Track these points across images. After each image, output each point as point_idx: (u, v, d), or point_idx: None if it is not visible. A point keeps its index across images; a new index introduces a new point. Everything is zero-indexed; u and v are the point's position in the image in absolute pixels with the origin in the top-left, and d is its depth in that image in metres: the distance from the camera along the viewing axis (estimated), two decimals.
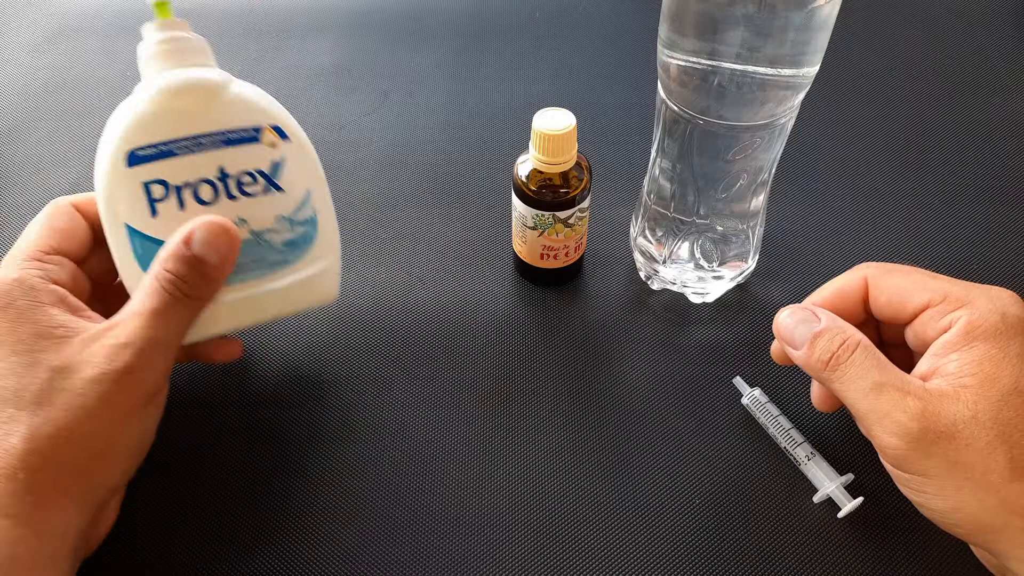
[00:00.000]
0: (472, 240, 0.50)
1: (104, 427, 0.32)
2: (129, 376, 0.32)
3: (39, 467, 0.30)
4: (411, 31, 0.66)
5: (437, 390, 0.43)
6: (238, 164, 0.36)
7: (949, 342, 0.31)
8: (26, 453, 0.30)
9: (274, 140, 0.37)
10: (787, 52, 0.34)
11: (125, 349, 0.32)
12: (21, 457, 0.30)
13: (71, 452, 0.31)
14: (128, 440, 0.33)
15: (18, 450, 0.30)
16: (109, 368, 0.31)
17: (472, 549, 0.37)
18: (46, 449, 0.30)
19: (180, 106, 0.35)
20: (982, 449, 0.29)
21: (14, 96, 0.60)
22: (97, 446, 0.32)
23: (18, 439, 0.30)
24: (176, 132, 0.35)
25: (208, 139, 0.36)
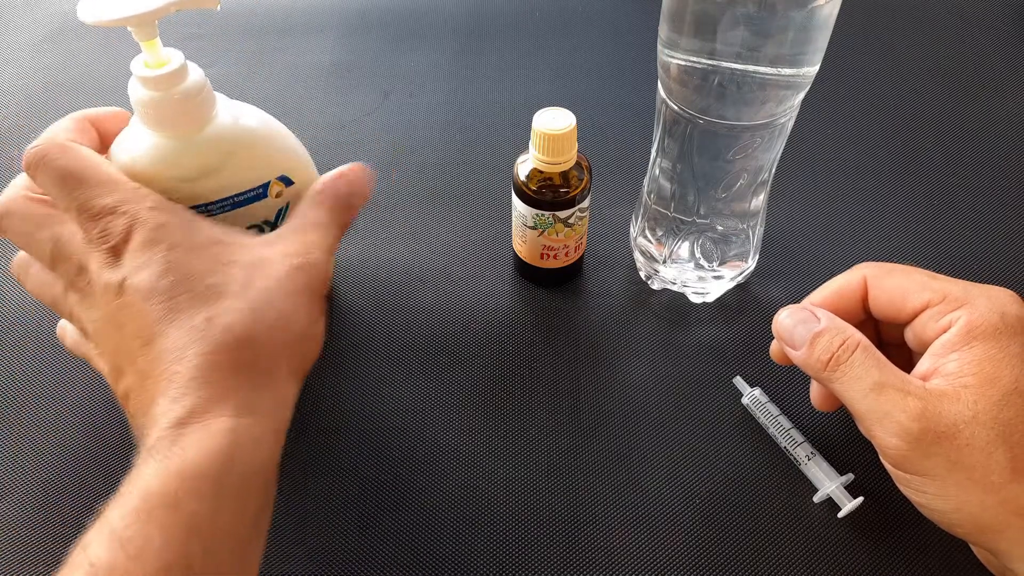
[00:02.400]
0: (472, 240, 0.50)
1: (303, 312, 0.33)
2: (317, 269, 0.34)
3: (262, 352, 0.31)
4: (411, 31, 0.66)
5: (437, 390, 0.43)
6: (244, 221, 0.38)
7: (949, 342, 0.31)
8: (251, 340, 0.31)
9: (280, 190, 0.38)
10: (787, 52, 0.34)
11: (309, 250, 0.34)
12: (249, 346, 0.31)
13: (287, 333, 0.32)
14: (319, 324, 0.35)
15: (244, 338, 0.31)
16: (305, 261, 0.34)
17: (472, 549, 0.37)
18: (267, 333, 0.31)
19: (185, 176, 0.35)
20: (982, 449, 0.29)
21: (14, 96, 0.60)
22: (303, 328, 0.33)
23: (241, 326, 0.31)
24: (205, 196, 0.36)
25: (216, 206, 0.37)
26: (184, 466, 0.27)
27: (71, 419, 0.42)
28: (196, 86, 0.34)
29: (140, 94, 0.34)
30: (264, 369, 0.31)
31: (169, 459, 0.28)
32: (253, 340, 0.31)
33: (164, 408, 0.29)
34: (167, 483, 0.27)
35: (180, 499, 0.27)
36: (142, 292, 0.31)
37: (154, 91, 0.34)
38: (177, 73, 0.34)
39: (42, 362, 0.44)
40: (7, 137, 0.57)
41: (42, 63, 0.63)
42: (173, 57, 0.34)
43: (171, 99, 0.34)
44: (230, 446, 0.28)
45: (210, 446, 0.28)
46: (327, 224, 0.36)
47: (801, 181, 0.54)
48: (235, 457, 0.28)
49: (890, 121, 0.58)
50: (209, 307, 0.31)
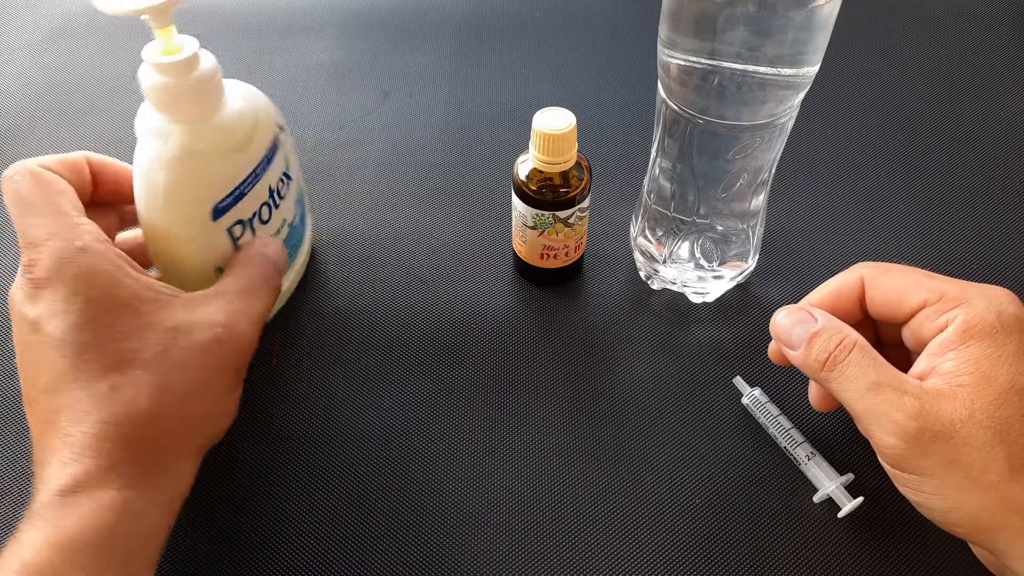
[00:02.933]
0: (472, 240, 0.50)
1: (216, 389, 0.33)
2: (240, 340, 0.34)
3: (161, 428, 0.31)
4: (411, 31, 0.66)
5: (437, 390, 0.43)
6: (275, 175, 0.39)
7: (946, 341, 0.31)
8: (151, 416, 0.30)
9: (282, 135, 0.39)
10: (787, 52, 0.34)
11: (236, 321, 0.34)
12: (149, 422, 0.30)
13: (190, 412, 0.32)
14: (232, 400, 0.34)
15: (144, 413, 0.30)
16: (228, 333, 0.33)
17: (472, 549, 0.37)
18: (171, 409, 0.31)
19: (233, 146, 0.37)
20: (980, 448, 0.29)
21: (14, 96, 0.60)
22: (213, 404, 0.33)
23: (145, 401, 0.30)
24: (241, 174, 0.37)
25: (261, 167, 0.38)
26: (64, 538, 0.28)
27: None
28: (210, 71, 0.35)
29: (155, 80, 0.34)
30: (161, 445, 0.31)
31: (50, 530, 0.28)
32: (154, 417, 0.30)
33: (54, 472, 0.29)
34: (47, 555, 0.27)
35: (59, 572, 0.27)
36: (54, 339, 0.31)
37: (170, 77, 0.34)
38: (193, 59, 0.34)
39: None
40: (7, 137, 0.57)
41: (42, 63, 0.63)
42: (186, 44, 0.35)
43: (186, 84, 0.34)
44: (113, 519, 0.29)
45: (93, 519, 0.28)
46: (258, 291, 0.36)
47: (801, 181, 0.54)
48: (118, 530, 0.29)
49: (890, 121, 0.58)
50: (116, 375, 0.30)
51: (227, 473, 0.40)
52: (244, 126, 0.37)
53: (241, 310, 0.35)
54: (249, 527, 0.38)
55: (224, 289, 0.35)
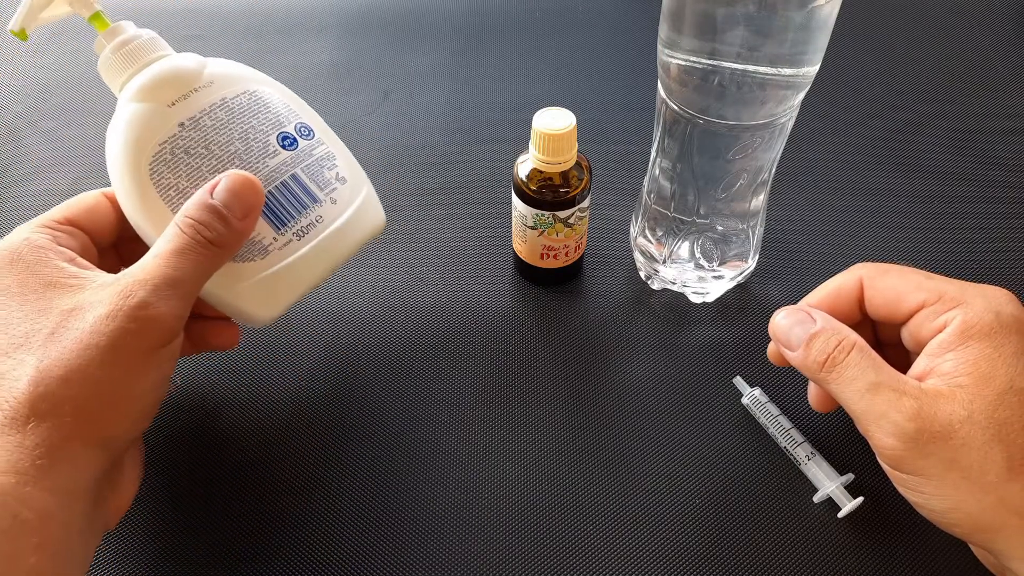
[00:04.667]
0: (472, 240, 0.50)
1: (117, 369, 0.30)
2: (143, 312, 0.30)
3: (48, 412, 0.29)
4: (411, 31, 0.66)
5: (437, 390, 0.43)
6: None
7: (944, 342, 0.31)
8: (34, 397, 0.29)
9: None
10: (787, 52, 0.34)
11: (140, 286, 0.31)
12: (29, 402, 0.29)
13: (83, 395, 0.29)
14: (142, 385, 0.31)
15: (25, 394, 0.29)
16: (123, 304, 0.30)
17: (473, 548, 0.37)
18: (56, 392, 0.29)
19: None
20: (978, 448, 0.29)
21: (14, 96, 0.60)
22: (109, 389, 0.30)
23: (26, 382, 0.29)
24: None
25: None
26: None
27: None
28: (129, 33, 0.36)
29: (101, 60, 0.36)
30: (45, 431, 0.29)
31: None
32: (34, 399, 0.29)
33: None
34: None
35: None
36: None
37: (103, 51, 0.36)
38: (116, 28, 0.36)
39: None
40: (7, 137, 0.57)
41: (42, 63, 0.63)
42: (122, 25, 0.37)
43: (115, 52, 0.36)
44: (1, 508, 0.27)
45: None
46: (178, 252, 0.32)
47: (801, 181, 0.54)
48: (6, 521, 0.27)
49: (890, 121, 0.58)
50: (8, 359, 0.30)
51: (224, 474, 0.40)
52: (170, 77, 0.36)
53: (154, 276, 0.31)
54: (248, 528, 0.38)
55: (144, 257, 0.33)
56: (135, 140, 0.35)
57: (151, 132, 0.35)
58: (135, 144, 0.35)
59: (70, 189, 0.53)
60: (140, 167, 0.35)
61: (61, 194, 0.53)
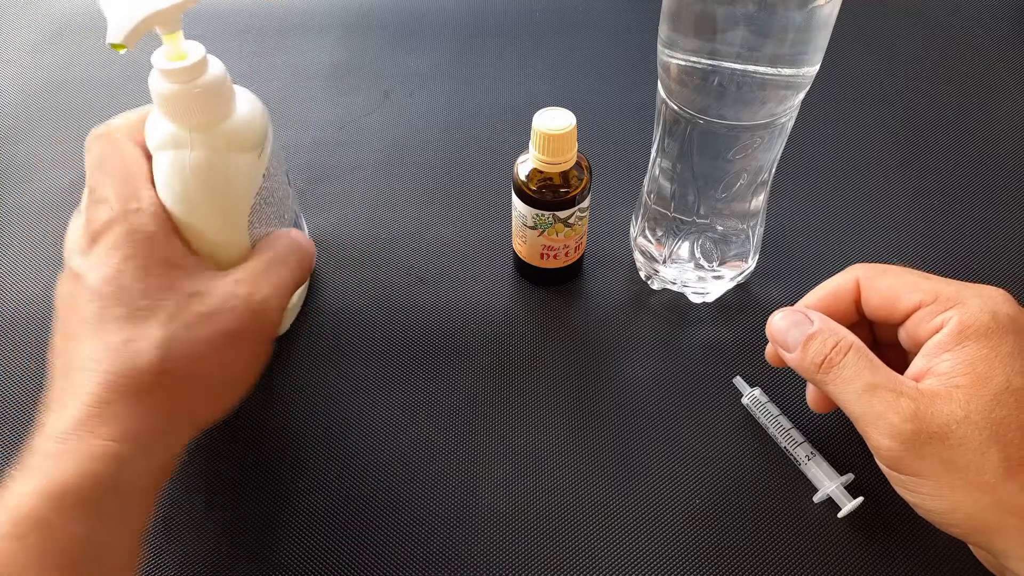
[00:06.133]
0: (472, 240, 0.50)
1: (237, 356, 0.33)
2: (263, 313, 0.34)
3: (166, 388, 0.31)
4: (411, 31, 0.66)
5: (437, 390, 0.43)
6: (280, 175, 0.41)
7: (941, 342, 0.31)
8: (157, 374, 0.31)
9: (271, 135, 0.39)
10: (787, 52, 0.34)
11: (260, 285, 0.34)
12: (154, 378, 0.30)
13: (200, 376, 0.32)
14: (248, 375, 0.34)
15: (149, 369, 0.30)
16: (250, 299, 0.33)
17: (472, 549, 0.37)
18: (177, 370, 0.31)
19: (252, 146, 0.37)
20: (975, 449, 0.29)
21: (14, 96, 0.60)
22: (225, 374, 0.33)
23: (151, 356, 0.31)
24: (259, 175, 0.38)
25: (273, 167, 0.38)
26: (56, 487, 0.28)
27: None
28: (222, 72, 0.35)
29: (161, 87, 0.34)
30: (162, 405, 0.31)
31: (42, 479, 0.28)
32: (160, 374, 0.31)
33: (53, 417, 0.30)
34: (40, 506, 0.27)
35: (53, 523, 0.27)
36: (90, 289, 0.32)
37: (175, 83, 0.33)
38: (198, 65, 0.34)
39: (42, 362, 0.44)
40: (7, 137, 0.57)
41: (42, 63, 0.63)
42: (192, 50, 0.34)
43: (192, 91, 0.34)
44: (106, 471, 0.29)
45: (86, 468, 0.28)
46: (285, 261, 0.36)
47: (801, 181, 0.54)
48: (110, 482, 0.29)
49: (890, 121, 0.58)
50: (131, 328, 0.31)
51: (225, 475, 0.40)
52: (256, 126, 0.37)
53: (262, 280, 0.35)
54: (246, 527, 0.38)
55: (251, 260, 0.36)
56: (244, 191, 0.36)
57: (252, 184, 0.37)
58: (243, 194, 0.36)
59: (70, 189, 0.53)
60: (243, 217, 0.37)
61: (61, 194, 0.53)
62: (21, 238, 0.50)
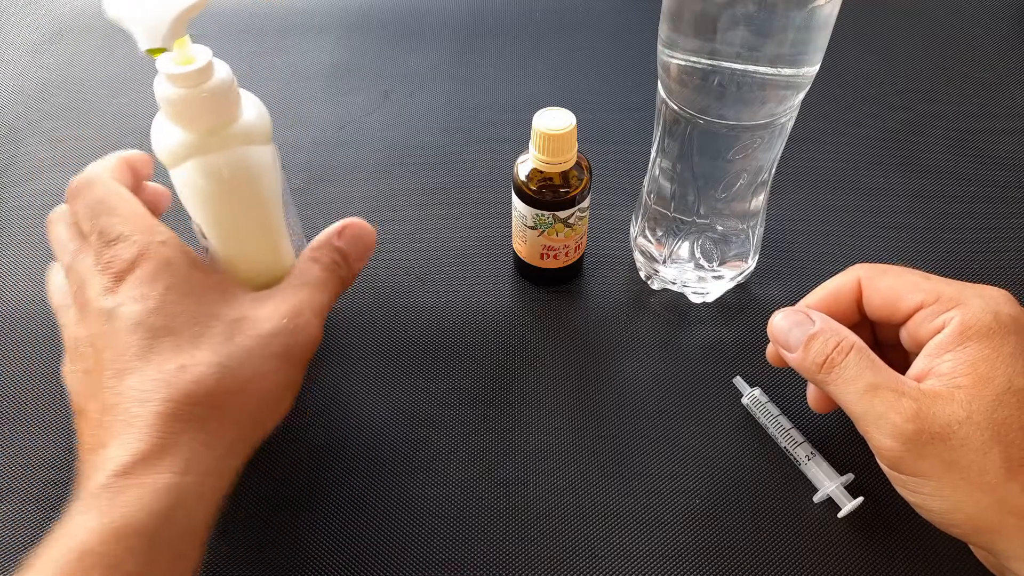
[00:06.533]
0: (472, 240, 0.50)
1: (279, 377, 0.34)
2: (302, 334, 0.34)
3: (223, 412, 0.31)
4: (411, 31, 0.66)
5: (437, 390, 0.43)
6: None
7: (943, 342, 0.31)
8: (217, 397, 0.31)
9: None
10: (787, 52, 0.34)
11: (301, 310, 0.35)
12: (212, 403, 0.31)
13: (251, 399, 0.32)
14: (292, 393, 0.35)
15: (209, 393, 0.31)
16: (288, 326, 0.34)
17: (472, 549, 0.37)
18: (233, 393, 0.32)
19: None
20: (977, 449, 0.29)
21: (14, 96, 0.60)
22: (273, 395, 0.34)
23: (211, 381, 0.31)
24: None
25: None
26: (118, 523, 0.28)
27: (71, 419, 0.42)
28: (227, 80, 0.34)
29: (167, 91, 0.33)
30: (220, 429, 0.31)
31: (109, 514, 0.28)
32: (219, 394, 0.31)
33: (113, 452, 0.29)
34: (106, 542, 0.27)
35: (118, 560, 0.27)
36: (130, 322, 0.32)
37: (182, 88, 0.33)
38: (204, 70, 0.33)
39: (42, 362, 0.44)
40: (7, 137, 0.57)
41: (42, 63, 0.63)
42: (200, 54, 0.33)
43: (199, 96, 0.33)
44: (171, 505, 0.29)
45: (152, 504, 0.28)
46: (323, 283, 0.37)
47: (801, 181, 0.54)
48: (174, 516, 0.29)
49: (890, 121, 0.58)
50: (185, 356, 0.31)
51: None
52: (265, 119, 0.37)
53: (305, 301, 0.35)
54: (245, 527, 0.38)
55: (291, 281, 0.36)
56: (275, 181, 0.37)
57: (279, 173, 0.37)
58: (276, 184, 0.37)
59: None
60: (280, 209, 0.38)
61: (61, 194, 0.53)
62: (21, 238, 0.50)
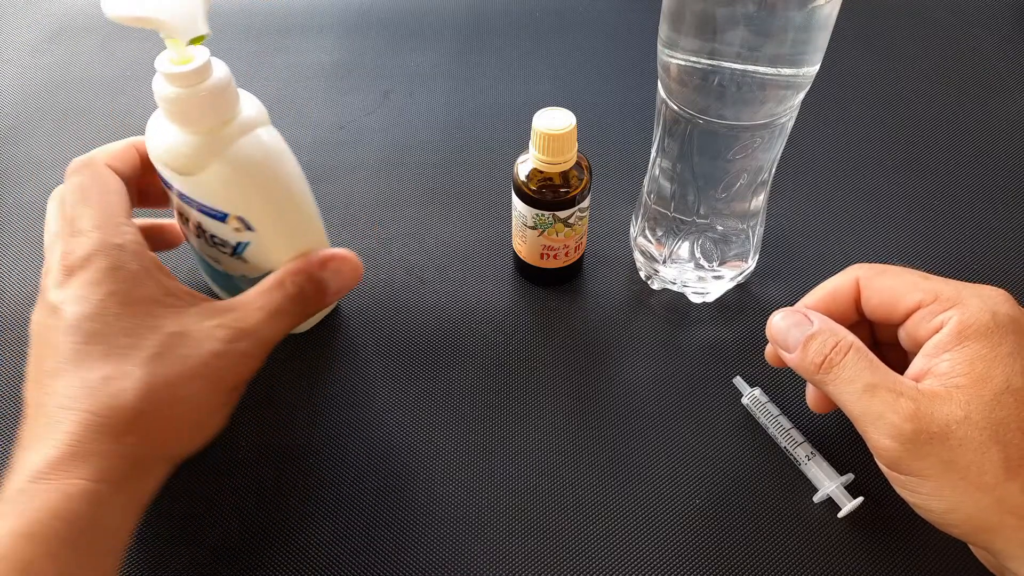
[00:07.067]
0: (472, 240, 0.50)
1: (214, 399, 0.33)
2: (244, 359, 0.34)
3: (147, 427, 0.31)
4: (411, 31, 0.66)
5: (437, 390, 0.43)
6: (211, 228, 0.38)
7: (941, 342, 0.31)
8: (138, 412, 0.30)
9: (239, 227, 0.37)
10: (787, 52, 0.34)
11: (247, 335, 0.34)
12: (134, 414, 0.30)
13: (181, 417, 0.32)
14: (219, 416, 0.34)
15: (132, 406, 0.30)
16: (230, 348, 0.33)
17: (472, 549, 0.37)
18: (160, 411, 0.31)
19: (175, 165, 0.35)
20: (975, 449, 0.29)
21: (14, 96, 0.60)
22: (202, 415, 0.33)
23: (133, 394, 0.30)
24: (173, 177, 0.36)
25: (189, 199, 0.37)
26: (33, 527, 0.28)
27: None
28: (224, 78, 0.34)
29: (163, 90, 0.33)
30: (139, 445, 0.31)
31: (17, 519, 0.28)
32: (138, 414, 0.31)
33: (30, 456, 0.29)
34: (19, 547, 0.27)
35: (33, 564, 0.27)
36: (68, 323, 0.32)
37: (177, 87, 0.33)
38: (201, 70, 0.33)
39: None
40: (7, 137, 0.57)
41: (42, 63, 0.63)
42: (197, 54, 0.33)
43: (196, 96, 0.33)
44: (82, 510, 0.29)
45: (62, 507, 0.28)
46: (282, 312, 0.36)
47: (801, 181, 0.54)
48: (86, 522, 0.29)
49: (890, 121, 0.58)
50: (111, 366, 0.31)
51: (219, 473, 0.40)
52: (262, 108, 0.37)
53: (252, 327, 0.34)
54: (245, 527, 0.38)
55: (247, 301, 0.35)
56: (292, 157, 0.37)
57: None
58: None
59: None
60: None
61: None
62: (21, 238, 0.50)
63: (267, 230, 0.37)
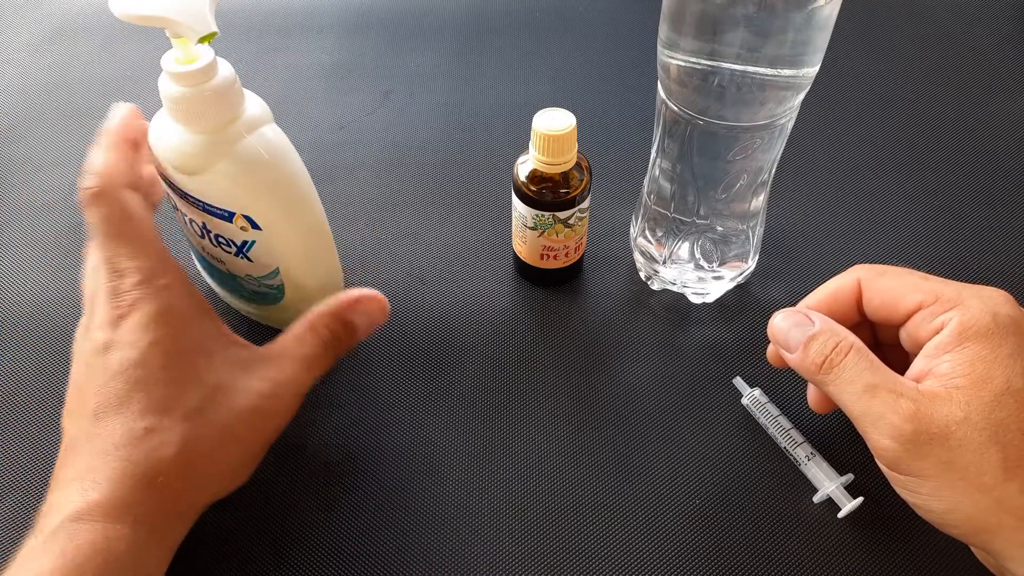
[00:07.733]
0: (472, 240, 0.50)
1: (243, 453, 0.34)
2: (278, 416, 0.35)
3: (180, 479, 0.31)
4: (411, 31, 0.66)
5: (437, 390, 0.43)
6: (215, 228, 0.38)
7: (941, 343, 0.31)
8: (175, 465, 0.31)
9: (245, 225, 0.37)
10: (787, 52, 0.34)
11: (282, 390, 0.35)
12: (169, 469, 0.31)
13: (210, 470, 0.33)
14: (250, 468, 0.35)
15: (169, 461, 0.31)
16: (265, 405, 0.34)
17: (472, 549, 0.37)
18: (194, 463, 0.32)
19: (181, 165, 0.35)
20: (975, 450, 0.29)
21: (14, 96, 0.60)
22: (230, 468, 0.34)
23: (172, 450, 0.31)
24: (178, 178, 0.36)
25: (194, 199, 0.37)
26: (71, 567, 0.28)
27: None
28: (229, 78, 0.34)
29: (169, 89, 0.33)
30: (178, 495, 0.32)
31: (64, 557, 0.28)
32: (178, 466, 0.31)
33: (71, 495, 0.30)
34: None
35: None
36: (113, 369, 0.32)
37: (183, 87, 0.33)
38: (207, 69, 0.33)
39: (42, 362, 0.44)
40: (7, 137, 0.57)
41: (42, 63, 0.63)
42: (203, 54, 0.34)
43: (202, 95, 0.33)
44: (121, 552, 0.29)
45: (102, 548, 0.29)
46: (315, 359, 0.36)
47: (801, 181, 0.54)
48: (123, 565, 0.29)
49: (890, 121, 0.58)
50: (154, 418, 0.31)
51: None
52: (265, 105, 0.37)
53: (289, 379, 0.35)
54: (245, 527, 0.38)
55: (284, 351, 0.36)
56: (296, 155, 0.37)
57: None
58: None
59: (70, 189, 0.53)
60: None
61: (61, 194, 0.53)
62: (21, 238, 0.50)
63: (273, 228, 0.37)
